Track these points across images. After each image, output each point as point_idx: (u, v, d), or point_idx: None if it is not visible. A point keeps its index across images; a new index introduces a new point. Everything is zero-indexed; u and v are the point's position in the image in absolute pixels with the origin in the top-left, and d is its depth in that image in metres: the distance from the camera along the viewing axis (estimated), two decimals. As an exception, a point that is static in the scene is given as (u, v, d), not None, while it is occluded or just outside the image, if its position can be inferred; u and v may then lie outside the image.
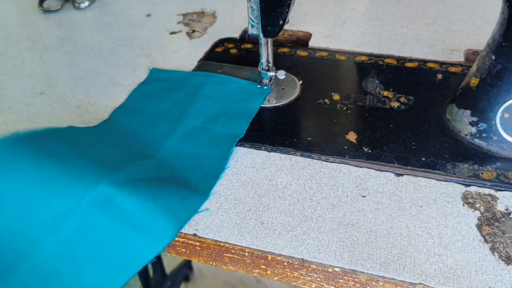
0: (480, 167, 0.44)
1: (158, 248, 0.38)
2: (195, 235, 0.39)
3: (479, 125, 0.46)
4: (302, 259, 0.37)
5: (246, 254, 0.38)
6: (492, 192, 0.42)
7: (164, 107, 0.53)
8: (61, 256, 0.36)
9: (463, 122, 0.47)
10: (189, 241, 0.40)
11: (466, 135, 0.47)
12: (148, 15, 0.75)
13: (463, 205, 0.41)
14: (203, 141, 0.48)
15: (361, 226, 0.39)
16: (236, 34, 0.68)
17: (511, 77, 0.43)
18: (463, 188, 0.42)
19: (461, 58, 0.59)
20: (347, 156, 0.46)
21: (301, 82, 0.56)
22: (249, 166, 0.46)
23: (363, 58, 0.60)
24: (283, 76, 0.53)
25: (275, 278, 0.39)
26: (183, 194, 0.41)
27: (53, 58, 0.65)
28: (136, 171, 0.42)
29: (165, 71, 0.59)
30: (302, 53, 0.62)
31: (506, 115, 0.44)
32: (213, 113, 0.51)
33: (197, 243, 0.39)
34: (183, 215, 0.40)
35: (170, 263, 1.14)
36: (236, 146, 0.47)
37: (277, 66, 0.54)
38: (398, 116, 0.50)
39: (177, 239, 0.40)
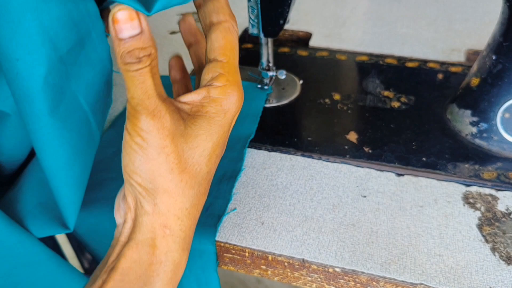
0: (481, 167, 0.44)
1: (212, 267, 0.40)
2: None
3: (479, 125, 0.46)
4: (303, 259, 0.37)
5: (247, 254, 0.38)
6: (493, 192, 0.42)
7: None
8: None
9: (463, 122, 0.47)
10: (190, 241, 0.40)
11: (466, 135, 0.47)
12: (148, 15, 0.75)
13: (464, 205, 0.41)
14: None
15: (361, 226, 0.39)
16: (236, 34, 0.68)
17: (511, 77, 0.43)
18: (463, 188, 0.42)
19: (461, 58, 0.59)
20: (348, 156, 0.46)
21: (301, 82, 0.56)
22: (249, 166, 0.46)
23: (364, 58, 0.60)
24: (284, 76, 0.53)
25: (275, 279, 0.39)
26: (205, 205, 0.41)
27: (53, 58, 0.65)
28: None
29: (161, 77, 0.59)
30: (302, 53, 0.62)
31: (507, 115, 0.44)
32: None
33: (198, 243, 0.39)
34: (212, 223, 0.40)
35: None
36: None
37: (278, 66, 0.54)
38: (398, 116, 0.50)
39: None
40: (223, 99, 0.29)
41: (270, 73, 0.53)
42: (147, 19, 0.27)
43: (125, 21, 0.25)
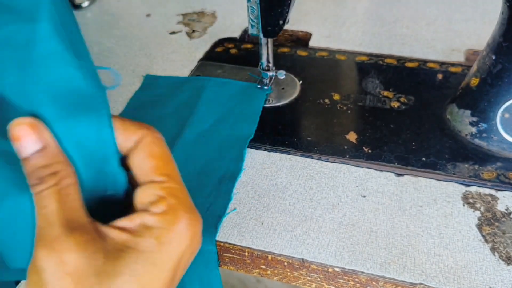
0: (481, 167, 0.44)
1: (213, 266, 0.40)
2: (195, 235, 0.39)
3: (479, 125, 0.46)
4: (302, 259, 0.37)
5: (246, 254, 0.38)
6: (493, 192, 0.42)
7: (167, 112, 0.53)
8: None
9: (463, 122, 0.47)
10: (189, 241, 0.40)
11: (466, 135, 0.47)
12: (148, 15, 0.75)
13: (464, 205, 0.41)
14: (214, 144, 0.48)
15: (361, 226, 0.39)
16: (236, 34, 0.68)
17: (511, 77, 0.43)
18: (463, 188, 0.42)
19: (461, 58, 0.59)
20: (347, 156, 0.46)
21: (301, 82, 0.56)
22: (249, 166, 0.46)
23: (363, 58, 0.60)
24: (283, 76, 0.53)
25: (275, 278, 0.39)
26: (205, 205, 0.41)
27: (53, 58, 0.65)
28: None
29: (160, 77, 0.59)
30: (302, 53, 0.62)
31: (507, 115, 0.44)
32: (219, 116, 0.51)
33: (197, 243, 0.39)
34: (213, 223, 0.40)
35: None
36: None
37: (277, 66, 0.54)
38: (398, 116, 0.50)
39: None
40: (161, 230, 0.22)
41: (270, 73, 0.53)
42: None
43: (25, 137, 0.21)
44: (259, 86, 0.55)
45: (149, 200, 0.22)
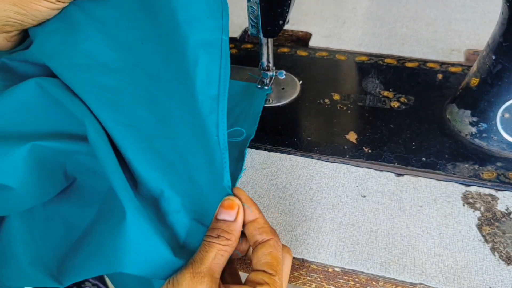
0: (481, 167, 0.44)
1: None
2: (195, 235, 0.39)
3: (479, 125, 0.46)
4: (302, 259, 0.37)
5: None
6: (493, 192, 0.42)
7: None
8: None
9: (463, 122, 0.47)
10: (189, 241, 0.39)
11: (466, 135, 0.47)
12: (148, 15, 0.75)
13: (464, 205, 0.41)
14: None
15: (361, 226, 0.39)
16: (236, 34, 0.68)
17: (511, 77, 0.43)
18: (463, 188, 0.42)
19: (461, 58, 0.59)
20: (347, 156, 0.46)
21: (301, 82, 0.56)
22: (249, 166, 0.46)
23: (363, 58, 0.60)
24: (283, 76, 0.53)
25: (275, 278, 0.39)
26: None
27: (53, 58, 0.65)
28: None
29: None
30: (302, 53, 0.62)
31: (507, 115, 0.44)
32: None
33: (197, 243, 0.39)
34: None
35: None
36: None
37: (277, 66, 0.54)
38: (398, 116, 0.50)
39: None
40: None
41: (270, 73, 0.53)
42: None
43: (230, 210, 0.32)
44: (259, 86, 0.55)
45: (257, 281, 0.30)
